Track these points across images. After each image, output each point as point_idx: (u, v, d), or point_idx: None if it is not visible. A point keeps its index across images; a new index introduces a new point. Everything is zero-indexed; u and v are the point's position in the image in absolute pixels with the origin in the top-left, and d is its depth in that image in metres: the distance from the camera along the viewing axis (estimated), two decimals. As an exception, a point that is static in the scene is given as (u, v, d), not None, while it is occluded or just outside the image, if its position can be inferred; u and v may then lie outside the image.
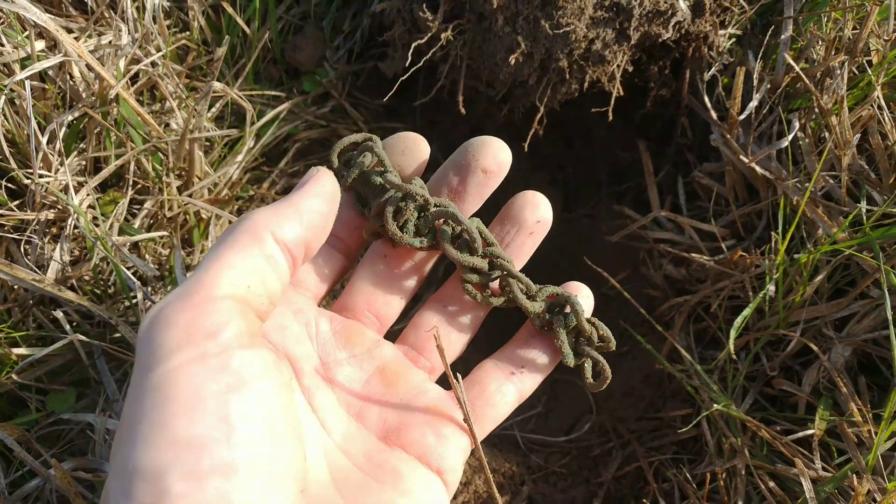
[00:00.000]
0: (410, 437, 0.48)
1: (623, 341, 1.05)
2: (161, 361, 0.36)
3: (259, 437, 0.37)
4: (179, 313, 0.38)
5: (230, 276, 0.39)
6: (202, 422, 0.35)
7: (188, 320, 0.37)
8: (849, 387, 0.77)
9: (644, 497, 0.87)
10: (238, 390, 0.37)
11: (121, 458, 0.35)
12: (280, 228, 0.42)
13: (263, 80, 1.02)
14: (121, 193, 0.84)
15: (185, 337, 0.37)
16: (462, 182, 0.52)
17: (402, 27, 0.91)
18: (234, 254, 0.40)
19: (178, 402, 0.36)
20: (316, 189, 0.45)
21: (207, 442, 0.35)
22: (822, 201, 0.82)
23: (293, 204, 0.44)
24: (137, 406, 0.36)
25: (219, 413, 0.36)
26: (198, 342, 0.37)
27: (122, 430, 0.36)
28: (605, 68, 0.86)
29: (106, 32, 0.88)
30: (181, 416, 0.35)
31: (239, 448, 0.36)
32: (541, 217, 0.53)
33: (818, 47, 0.90)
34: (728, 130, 0.89)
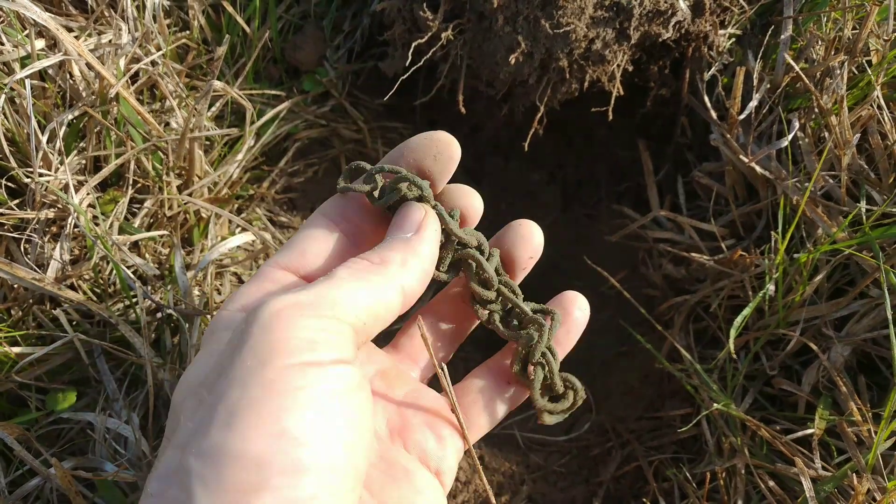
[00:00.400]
0: (412, 438, 0.49)
1: (622, 341, 1.05)
2: (277, 358, 0.38)
3: (351, 444, 0.39)
4: (304, 319, 0.39)
5: (357, 308, 0.42)
6: (306, 422, 0.37)
7: (311, 328, 0.39)
8: (848, 386, 0.77)
9: (644, 496, 0.87)
10: (341, 400, 0.39)
11: (215, 438, 0.36)
12: (409, 277, 0.45)
13: (263, 80, 1.02)
14: (121, 192, 0.84)
15: (306, 343, 0.39)
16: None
17: (403, 26, 0.91)
18: (367, 289, 0.43)
19: (288, 399, 0.37)
20: (431, 236, 0.47)
21: (308, 441, 0.37)
22: (821, 201, 0.82)
23: (418, 253, 0.46)
24: (244, 393, 0.37)
25: (321, 417, 0.38)
26: (315, 350, 0.39)
27: (216, 409, 0.37)
28: (606, 68, 0.86)
29: (106, 31, 0.88)
30: (289, 413, 0.37)
31: (332, 452, 0.38)
32: (534, 252, 0.54)
33: (818, 47, 0.90)
34: (728, 130, 0.89)
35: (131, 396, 0.78)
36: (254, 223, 0.99)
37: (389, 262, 0.45)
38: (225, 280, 0.91)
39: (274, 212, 1.03)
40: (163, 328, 0.81)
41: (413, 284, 0.45)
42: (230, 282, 0.92)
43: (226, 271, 0.92)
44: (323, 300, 0.41)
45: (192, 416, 0.38)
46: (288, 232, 1.04)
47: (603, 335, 1.08)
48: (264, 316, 0.39)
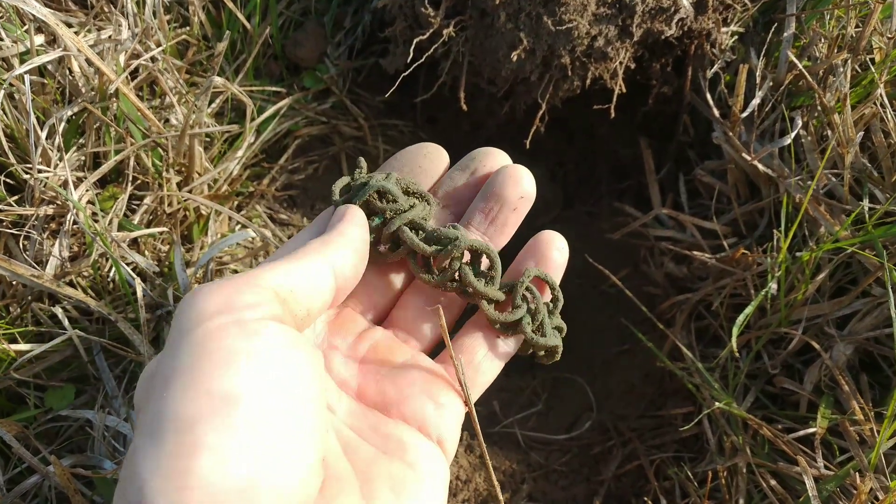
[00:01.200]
0: (410, 408, 0.48)
1: (624, 339, 1.04)
2: (200, 323, 0.38)
3: (289, 400, 0.38)
4: (223, 288, 0.39)
5: (277, 277, 0.42)
6: (237, 378, 0.36)
7: (230, 293, 0.39)
8: (850, 385, 0.76)
9: (645, 495, 0.87)
10: (272, 353, 0.38)
11: (153, 410, 0.36)
12: (338, 257, 0.45)
13: (264, 76, 1.02)
14: (120, 189, 0.84)
15: (226, 305, 0.39)
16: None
17: (404, 23, 0.91)
18: (287, 262, 0.43)
19: (215, 358, 0.37)
20: (357, 220, 0.48)
21: (241, 397, 0.36)
22: (824, 199, 0.82)
23: (342, 233, 0.46)
24: (174, 362, 0.37)
25: (253, 372, 0.37)
26: (237, 310, 0.39)
27: (156, 385, 0.37)
28: (608, 65, 0.86)
29: (106, 27, 0.88)
30: (217, 370, 0.36)
31: (270, 407, 0.37)
32: (524, 192, 0.52)
33: (821, 45, 0.90)
34: (730, 128, 0.89)
35: (130, 394, 0.78)
36: (254, 220, 0.99)
37: (311, 243, 0.45)
38: (225, 277, 0.91)
39: (274, 209, 1.02)
40: (162, 325, 0.81)
41: (341, 261, 0.45)
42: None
43: (226, 268, 0.91)
44: (240, 276, 0.41)
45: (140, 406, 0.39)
46: (288, 229, 1.04)
47: (604, 333, 1.08)
48: (184, 299, 0.40)
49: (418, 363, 0.51)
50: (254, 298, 0.40)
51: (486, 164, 0.54)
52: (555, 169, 1.17)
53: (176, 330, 0.39)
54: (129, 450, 0.36)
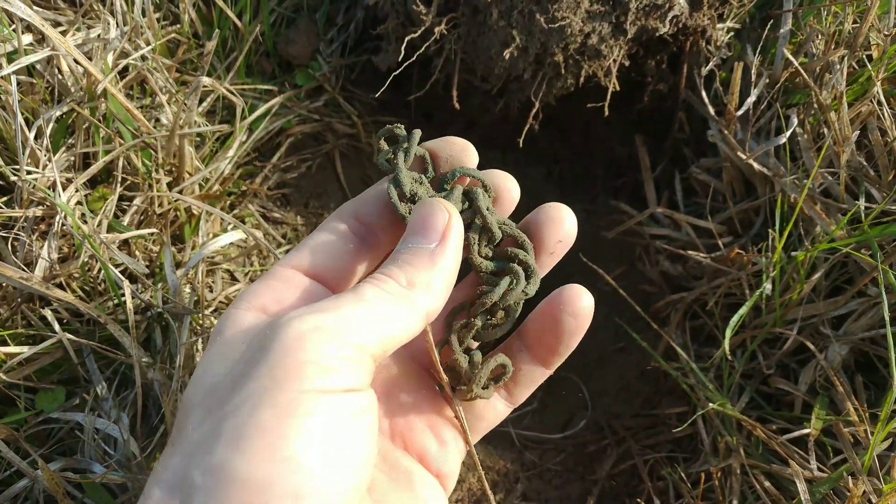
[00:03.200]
0: (414, 440, 0.48)
1: (619, 337, 1.04)
2: (295, 381, 0.37)
3: (356, 468, 0.38)
4: (324, 343, 0.38)
5: (382, 339, 0.40)
6: (313, 448, 0.36)
7: (333, 356, 0.38)
8: (845, 386, 0.76)
9: (639, 495, 0.87)
10: (349, 426, 0.38)
11: (221, 459, 0.36)
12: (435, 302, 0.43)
13: (256, 74, 1.01)
14: (110, 190, 0.83)
15: (325, 370, 0.38)
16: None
17: (396, 20, 0.90)
18: (391, 316, 0.41)
19: (297, 424, 0.36)
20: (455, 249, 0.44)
21: (313, 468, 0.36)
22: (820, 198, 0.81)
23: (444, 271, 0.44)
24: (255, 414, 0.36)
25: (328, 444, 0.37)
26: (330, 377, 0.38)
27: (227, 430, 0.36)
28: (602, 63, 0.85)
29: (95, 26, 0.87)
30: (297, 439, 0.36)
31: (335, 478, 0.37)
32: (563, 236, 0.49)
33: (818, 42, 0.89)
34: (726, 126, 0.88)
35: (121, 396, 0.78)
36: (247, 219, 0.98)
37: (415, 286, 0.42)
38: (217, 277, 0.90)
39: (267, 208, 1.02)
40: (153, 327, 0.80)
41: (437, 307, 0.44)
42: (222, 279, 0.91)
43: (218, 269, 0.91)
44: (348, 326, 0.39)
45: (200, 425, 0.38)
46: (282, 228, 1.03)
47: (599, 331, 1.07)
48: (287, 337, 0.38)
49: (423, 392, 0.50)
50: (351, 368, 0.39)
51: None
52: (550, 167, 1.16)
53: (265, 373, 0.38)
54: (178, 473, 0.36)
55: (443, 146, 0.49)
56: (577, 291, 0.48)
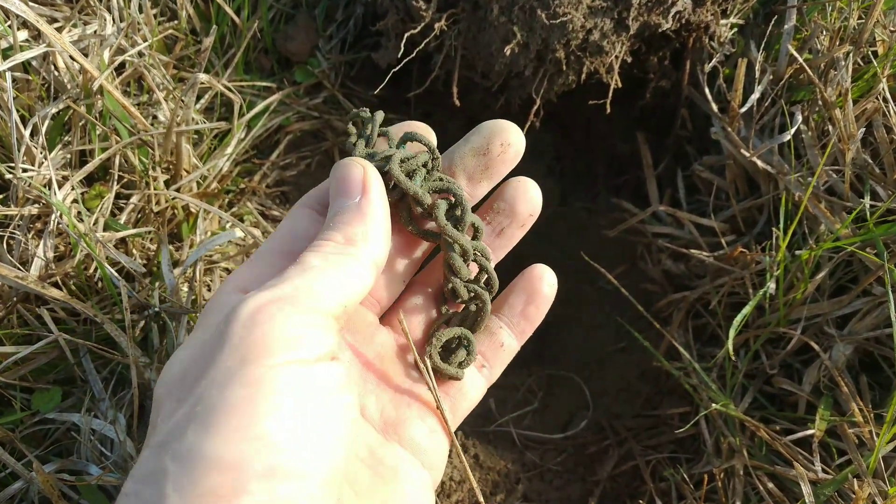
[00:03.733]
0: (406, 433, 0.49)
1: (620, 337, 1.03)
2: (259, 358, 0.37)
3: (331, 448, 0.38)
4: (285, 316, 0.39)
5: (336, 295, 0.41)
6: (285, 424, 0.36)
7: (294, 325, 0.39)
8: (850, 386, 0.75)
9: (640, 496, 0.86)
10: (324, 401, 0.39)
11: (192, 441, 0.35)
12: (377, 249, 0.45)
13: (254, 71, 1.00)
14: (106, 188, 0.82)
15: (290, 341, 0.38)
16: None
17: (396, 16, 0.89)
18: (341, 274, 0.42)
19: (268, 401, 0.36)
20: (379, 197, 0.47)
21: (286, 444, 0.36)
22: (824, 196, 0.80)
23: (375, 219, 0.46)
24: (223, 394, 0.36)
25: (300, 419, 0.37)
26: (298, 348, 0.38)
27: (197, 414, 0.36)
28: (604, 59, 0.84)
29: (91, 22, 0.86)
30: (272, 416, 0.36)
31: (309, 454, 0.37)
32: (533, 209, 0.54)
33: (822, 37, 0.88)
34: (729, 123, 0.87)
35: (118, 396, 0.77)
36: (245, 217, 0.97)
37: (354, 240, 0.44)
38: (215, 276, 0.89)
39: (266, 206, 1.01)
40: (150, 326, 0.80)
41: (381, 255, 0.45)
42: (220, 277, 0.91)
43: (216, 267, 0.90)
44: (302, 293, 0.40)
45: (171, 415, 0.37)
46: (280, 226, 1.02)
47: (601, 330, 1.07)
48: (244, 314, 0.39)
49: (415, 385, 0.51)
50: (316, 334, 0.39)
51: (497, 140, 0.52)
52: (551, 164, 1.15)
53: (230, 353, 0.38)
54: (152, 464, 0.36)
55: (405, 129, 0.52)
56: (543, 268, 0.54)
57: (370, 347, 0.51)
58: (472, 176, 0.52)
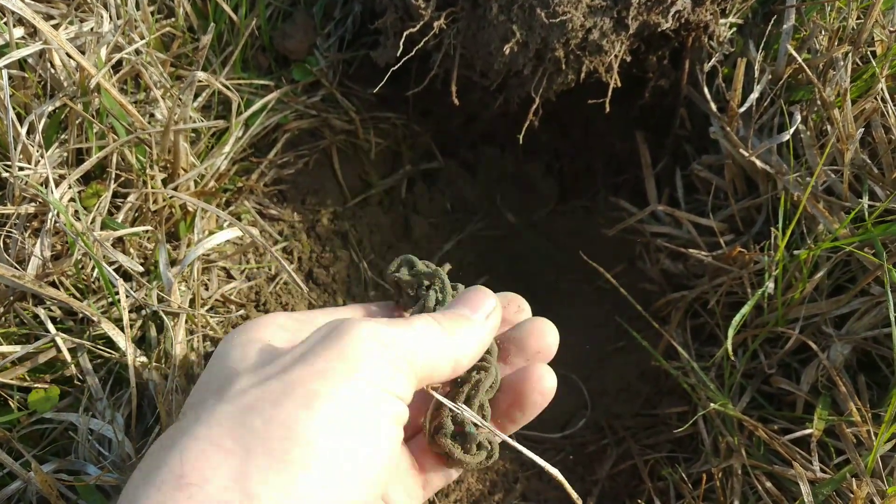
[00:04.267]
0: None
1: (619, 336, 1.03)
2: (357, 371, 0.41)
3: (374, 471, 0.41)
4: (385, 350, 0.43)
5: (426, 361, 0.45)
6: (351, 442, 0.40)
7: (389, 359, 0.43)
8: (848, 386, 0.75)
9: (639, 495, 0.86)
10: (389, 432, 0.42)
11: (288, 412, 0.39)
12: (464, 354, 0.48)
13: (252, 69, 0.99)
14: (103, 186, 0.82)
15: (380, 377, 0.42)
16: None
17: (395, 14, 0.89)
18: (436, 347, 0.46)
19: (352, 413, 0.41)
20: (494, 327, 0.51)
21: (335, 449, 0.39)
22: (823, 196, 0.80)
23: (478, 335, 0.49)
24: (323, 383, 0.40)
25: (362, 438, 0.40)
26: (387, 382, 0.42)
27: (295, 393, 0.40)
28: (603, 58, 0.84)
29: (88, 19, 0.85)
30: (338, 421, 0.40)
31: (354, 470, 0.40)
32: (543, 348, 0.55)
33: (821, 37, 0.88)
34: (728, 122, 0.87)
35: (115, 396, 0.77)
36: (243, 216, 0.97)
37: (455, 333, 0.47)
38: (212, 275, 0.89)
39: (263, 204, 1.01)
40: (148, 326, 0.79)
41: (464, 361, 0.48)
42: (218, 276, 0.90)
43: (213, 266, 0.90)
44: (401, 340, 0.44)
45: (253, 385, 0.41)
46: (278, 225, 1.02)
47: (599, 330, 1.07)
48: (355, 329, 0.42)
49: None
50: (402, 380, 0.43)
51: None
52: (550, 162, 1.15)
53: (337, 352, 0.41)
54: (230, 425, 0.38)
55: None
56: (544, 373, 0.53)
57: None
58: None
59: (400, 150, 1.12)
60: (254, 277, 0.94)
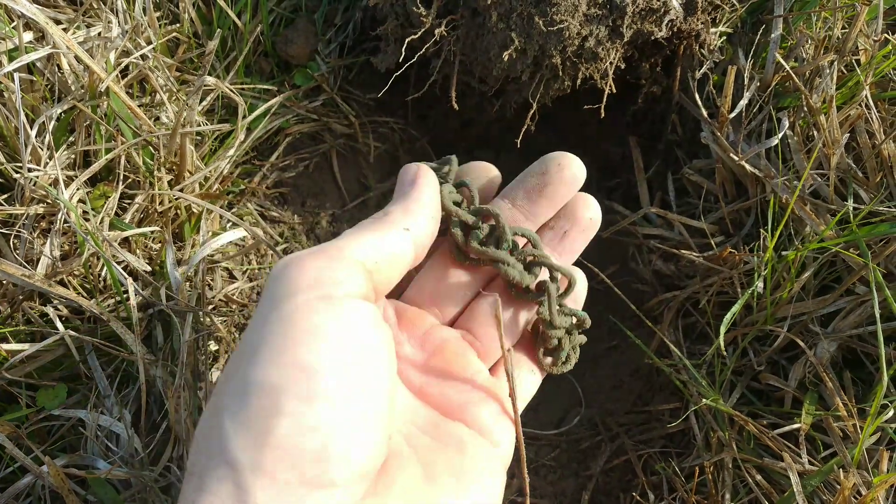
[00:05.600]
0: (471, 414, 0.50)
1: (612, 335, 1.06)
2: (290, 296, 0.41)
3: (364, 377, 0.41)
4: (313, 260, 0.42)
5: (364, 249, 0.44)
6: (319, 352, 0.39)
7: (320, 267, 0.42)
8: (834, 382, 0.78)
9: (633, 490, 0.89)
10: (354, 331, 0.41)
11: (241, 375, 0.39)
12: (414, 222, 0.48)
13: (255, 74, 1.01)
14: (111, 188, 0.84)
15: (316, 280, 0.41)
16: (540, 186, 0.56)
17: (395, 21, 0.91)
18: (372, 233, 0.46)
19: (301, 331, 0.40)
20: (428, 181, 0.50)
21: (321, 370, 0.39)
22: (810, 199, 0.83)
23: (417, 199, 0.49)
24: (262, 331, 0.40)
25: (335, 348, 0.40)
26: (326, 286, 0.41)
27: (244, 352, 0.40)
28: (598, 65, 0.86)
29: (95, 24, 0.87)
30: (302, 344, 0.39)
31: (346, 382, 0.39)
32: (593, 215, 0.57)
33: (807, 46, 0.91)
34: (718, 128, 0.90)
35: (123, 393, 0.78)
36: (245, 218, 0.99)
37: (391, 212, 0.48)
38: (216, 276, 0.91)
39: (265, 206, 1.02)
40: (154, 324, 0.81)
41: (418, 227, 0.48)
42: (221, 277, 0.92)
43: (217, 267, 0.91)
44: (330, 247, 0.44)
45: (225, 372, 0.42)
46: (279, 227, 1.04)
47: (593, 329, 1.08)
48: (278, 267, 0.43)
49: (480, 371, 0.53)
50: (343, 274, 0.42)
51: (555, 162, 0.55)
52: (544, 166, 1.17)
53: (267, 300, 0.42)
54: (211, 407, 0.40)
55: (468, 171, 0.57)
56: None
57: (430, 342, 0.53)
58: (530, 194, 0.56)
59: (397, 154, 1.15)
60: (255, 278, 0.96)
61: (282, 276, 0.42)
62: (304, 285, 0.41)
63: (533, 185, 0.55)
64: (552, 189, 0.55)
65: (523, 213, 0.56)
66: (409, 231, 0.47)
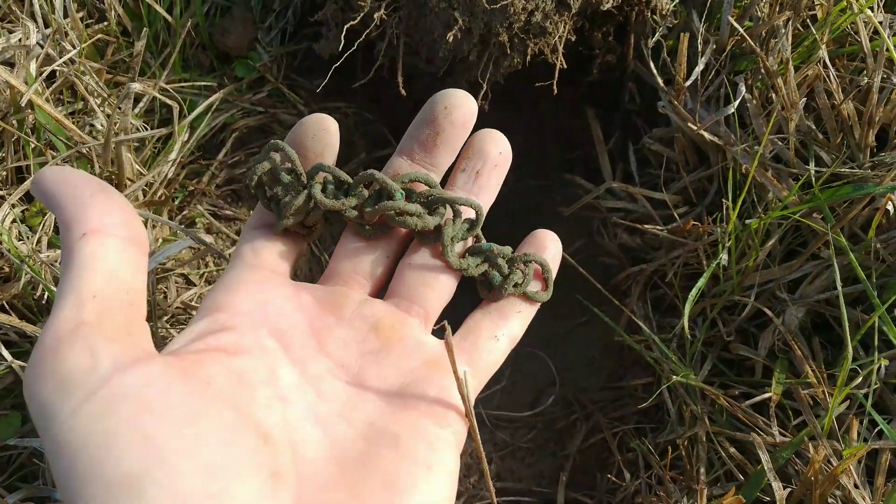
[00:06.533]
0: (415, 395, 0.46)
1: (582, 311, 1.04)
2: (53, 421, 0.34)
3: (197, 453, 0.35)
4: (46, 362, 0.35)
5: (72, 300, 0.37)
6: (126, 464, 0.33)
7: (54, 367, 0.34)
8: (803, 348, 0.77)
9: (609, 468, 0.88)
10: (150, 414, 0.35)
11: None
12: (100, 221, 0.39)
13: (193, 69, 0.97)
14: (48, 204, 0.80)
15: (62, 388, 0.34)
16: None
17: (335, 6, 0.87)
18: (76, 274, 0.38)
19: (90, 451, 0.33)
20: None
21: (143, 484, 0.32)
22: (771, 164, 0.81)
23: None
24: (56, 466, 0.34)
25: (140, 449, 0.33)
26: (76, 387, 0.34)
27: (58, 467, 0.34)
28: (548, 40, 0.83)
29: (15, 31, 0.82)
30: (102, 463, 0.33)
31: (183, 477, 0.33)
32: (503, 149, 0.54)
33: (762, 4, 0.88)
34: (675, 96, 0.87)
35: (79, 417, 0.76)
36: (197, 220, 0.95)
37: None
38: (170, 283, 0.88)
39: (218, 206, 0.99)
40: (106, 343, 0.78)
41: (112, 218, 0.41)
42: (176, 284, 0.89)
43: (171, 274, 0.88)
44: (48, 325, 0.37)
45: None
46: (235, 224, 1.00)
47: (562, 306, 1.08)
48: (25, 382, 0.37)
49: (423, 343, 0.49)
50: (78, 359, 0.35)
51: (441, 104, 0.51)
52: (504, 142, 1.14)
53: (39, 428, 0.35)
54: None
55: (304, 127, 0.50)
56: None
57: (362, 321, 0.48)
58: (426, 146, 0.51)
59: (353, 139, 1.11)
60: (214, 280, 0.93)
61: (31, 398, 0.35)
62: (56, 399, 0.34)
63: (426, 135, 0.51)
64: (445, 136, 0.51)
65: (425, 166, 0.52)
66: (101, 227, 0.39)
